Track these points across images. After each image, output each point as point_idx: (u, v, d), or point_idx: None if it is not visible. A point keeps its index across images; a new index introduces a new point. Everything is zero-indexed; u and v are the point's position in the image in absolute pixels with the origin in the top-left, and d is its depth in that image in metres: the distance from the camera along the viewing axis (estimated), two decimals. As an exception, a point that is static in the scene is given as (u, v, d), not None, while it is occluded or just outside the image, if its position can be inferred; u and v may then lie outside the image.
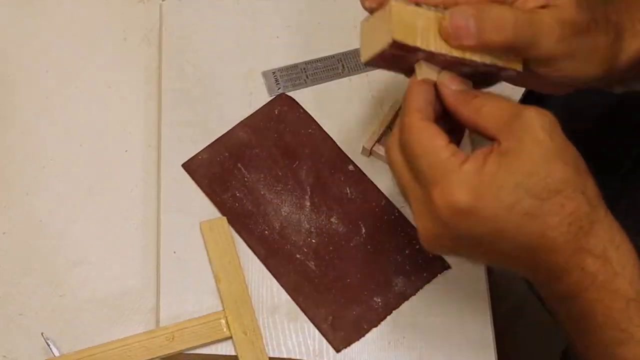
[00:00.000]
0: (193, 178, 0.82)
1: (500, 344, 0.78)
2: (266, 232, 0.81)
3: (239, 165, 0.83)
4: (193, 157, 0.83)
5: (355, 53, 0.89)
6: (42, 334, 0.77)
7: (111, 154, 0.85)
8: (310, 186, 0.83)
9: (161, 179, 0.83)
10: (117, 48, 0.89)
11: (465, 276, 0.81)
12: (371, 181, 0.84)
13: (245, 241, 0.81)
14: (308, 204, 0.82)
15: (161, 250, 0.80)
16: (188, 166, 0.83)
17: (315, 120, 0.85)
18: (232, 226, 0.81)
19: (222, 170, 0.83)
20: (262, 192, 0.82)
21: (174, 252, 0.80)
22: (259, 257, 0.80)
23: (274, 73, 0.88)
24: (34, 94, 0.87)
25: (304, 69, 0.88)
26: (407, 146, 0.65)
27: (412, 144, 0.65)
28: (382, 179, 0.84)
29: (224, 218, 0.81)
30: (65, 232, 0.82)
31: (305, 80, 0.88)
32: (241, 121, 0.85)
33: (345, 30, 0.89)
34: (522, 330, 0.75)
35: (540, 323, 0.76)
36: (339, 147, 0.85)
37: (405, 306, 0.80)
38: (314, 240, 0.81)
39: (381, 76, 0.87)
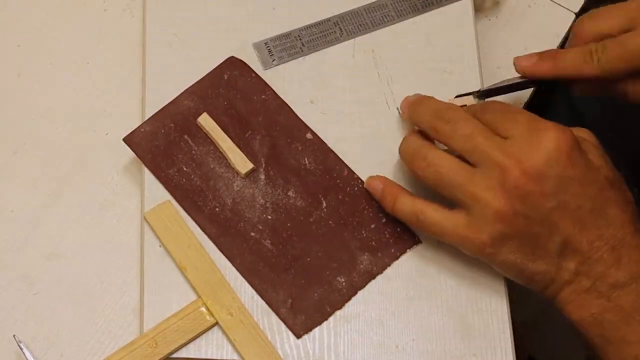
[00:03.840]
0: (136, 153, 0.79)
1: (526, 346, 0.75)
2: (217, 209, 0.78)
3: (186, 137, 0.80)
4: (135, 130, 0.80)
5: (352, 14, 0.86)
6: (14, 336, 0.75)
7: (90, 137, 0.84)
8: (265, 157, 0.80)
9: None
10: (96, 20, 0.88)
11: (483, 277, 0.79)
12: (332, 150, 0.81)
13: (195, 220, 0.78)
14: (262, 177, 0.79)
15: (145, 243, 0.78)
16: (129, 140, 0.80)
17: (269, 86, 0.83)
18: (180, 204, 0.78)
19: (167, 143, 0.80)
20: (211, 166, 0.79)
21: (160, 246, 0.78)
22: (210, 237, 0.78)
23: (266, 44, 0.85)
24: (4, 71, 0.85)
25: (299, 36, 0.85)
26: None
27: None
28: (343, 147, 0.81)
29: (168, 201, 0.78)
30: (39, 224, 0.80)
31: (301, 48, 0.85)
32: (187, 88, 0.82)
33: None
34: (548, 331, 0.72)
35: (565, 325, 0.75)
36: (295, 114, 0.82)
37: (413, 305, 0.77)
38: (269, 217, 0.78)
39: (385, 37, 0.86)
